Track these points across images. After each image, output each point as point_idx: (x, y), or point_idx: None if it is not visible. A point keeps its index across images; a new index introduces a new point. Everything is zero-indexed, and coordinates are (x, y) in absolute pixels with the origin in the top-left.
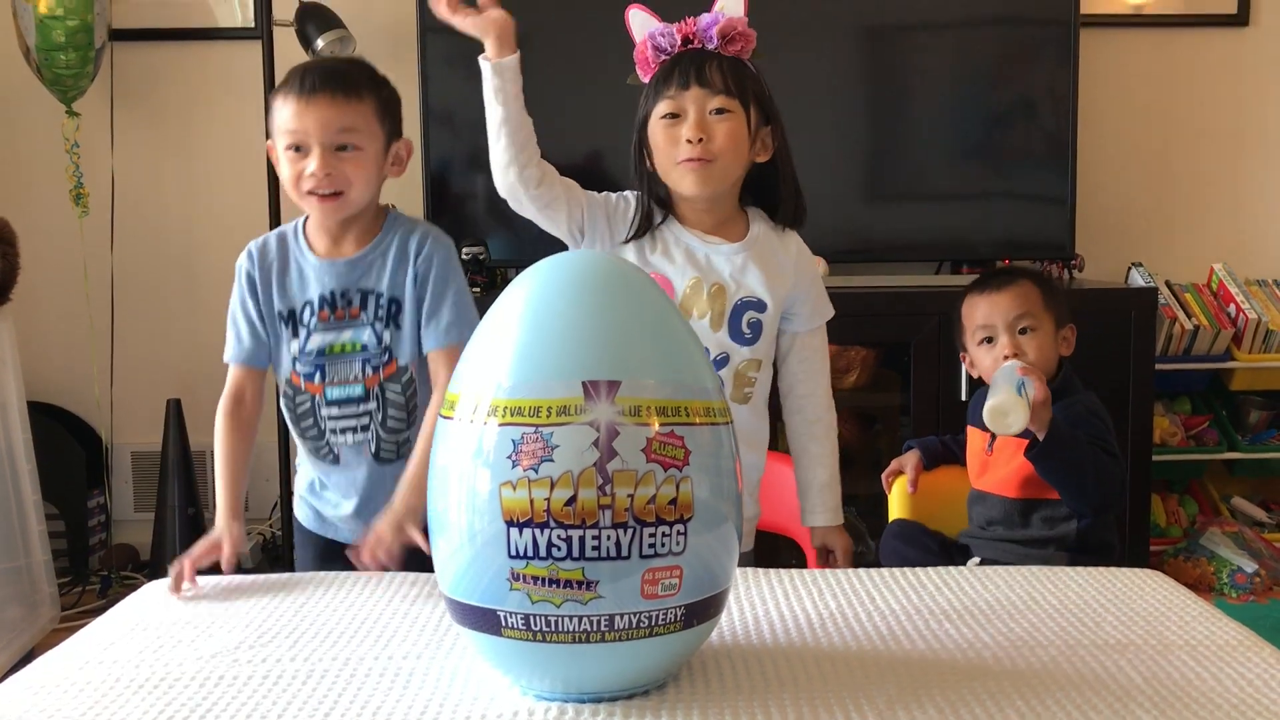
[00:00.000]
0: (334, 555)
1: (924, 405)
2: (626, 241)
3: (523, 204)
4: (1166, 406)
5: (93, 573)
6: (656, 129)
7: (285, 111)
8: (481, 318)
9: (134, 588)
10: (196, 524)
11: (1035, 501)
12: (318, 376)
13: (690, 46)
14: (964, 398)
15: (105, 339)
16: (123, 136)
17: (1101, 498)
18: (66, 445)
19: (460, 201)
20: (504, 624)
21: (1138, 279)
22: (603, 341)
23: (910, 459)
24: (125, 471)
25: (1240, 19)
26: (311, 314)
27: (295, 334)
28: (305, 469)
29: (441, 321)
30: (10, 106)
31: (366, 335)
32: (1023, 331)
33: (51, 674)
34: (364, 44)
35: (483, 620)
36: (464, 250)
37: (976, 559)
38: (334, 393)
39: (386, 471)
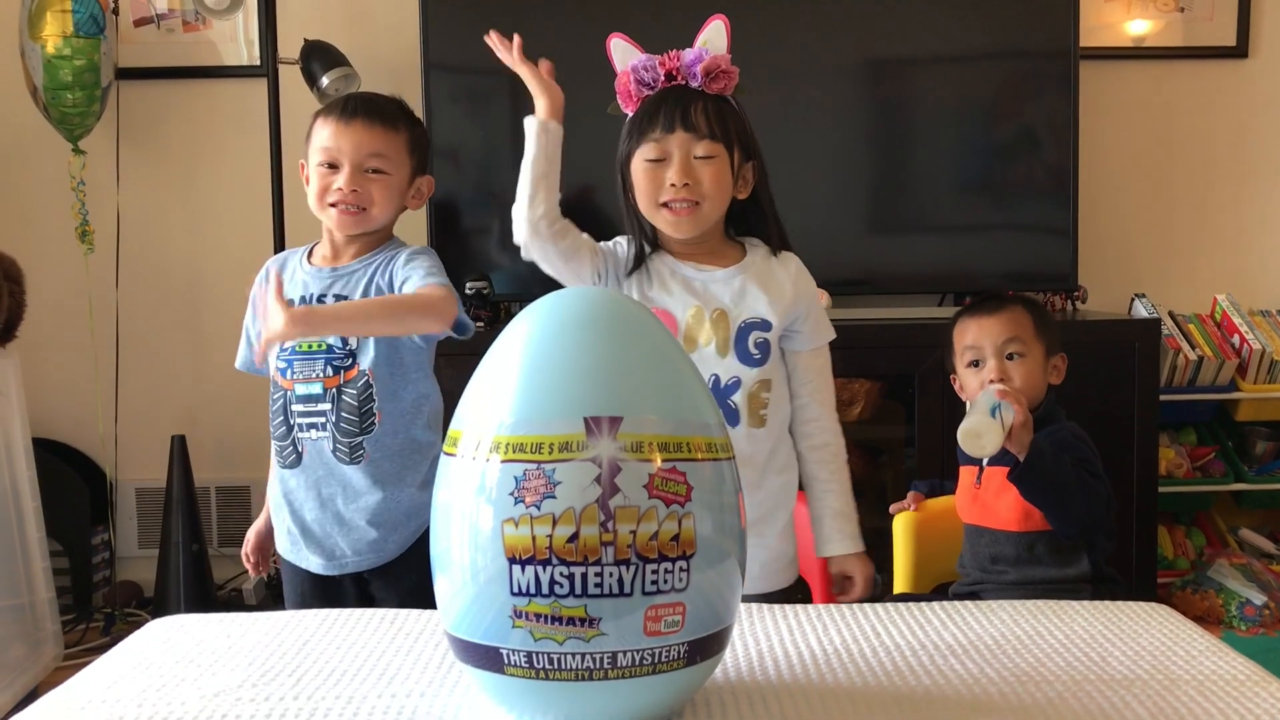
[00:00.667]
0: (316, 589)
1: (929, 437)
2: (628, 276)
3: (548, 255)
4: (1172, 438)
5: (97, 610)
6: (639, 170)
7: (324, 131)
8: (484, 354)
9: (138, 625)
10: (201, 560)
11: (1039, 533)
12: (289, 372)
13: (673, 82)
14: None
15: (110, 376)
16: (128, 174)
17: (1087, 517)
18: (71, 482)
19: (464, 237)
20: (507, 662)
21: (1141, 310)
22: (604, 377)
23: (912, 496)
24: (129, 508)
25: (1240, 51)
26: None
27: None
28: (274, 493)
29: (411, 276)
30: (17, 145)
31: (333, 336)
32: (1010, 357)
33: (54, 714)
34: (368, 81)
35: (485, 658)
36: (467, 285)
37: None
38: (300, 389)
39: (347, 473)
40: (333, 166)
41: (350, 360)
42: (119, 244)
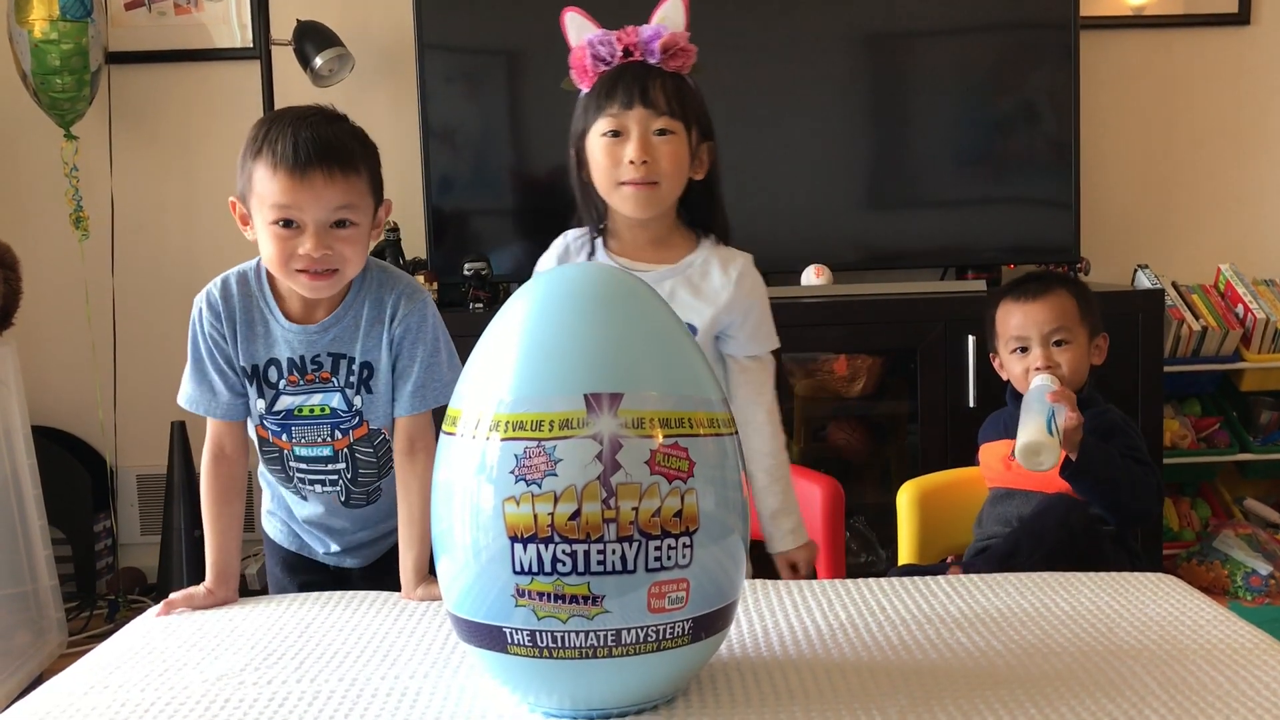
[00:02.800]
0: (306, 568)
1: (931, 412)
2: None
3: None
4: (1176, 409)
5: (100, 597)
6: (597, 146)
7: (273, 184)
8: (482, 332)
9: (141, 611)
10: (203, 546)
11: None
12: (285, 435)
13: (630, 58)
14: (972, 404)
15: (108, 362)
16: (122, 159)
17: (1140, 509)
18: (72, 469)
19: (462, 218)
20: (510, 641)
21: (1144, 281)
22: (604, 354)
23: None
24: (131, 494)
25: (1241, 18)
26: (280, 376)
27: (261, 393)
28: (271, 490)
29: (407, 389)
30: (9, 131)
31: (336, 400)
32: (1057, 344)
33: (58, 700)
34: (362, 62)
35: (488, 637)
36: (466, 266)
37: None
38: (302, 451)
39: (361, 511)
40: (291, 225)
41: (358, 419)
42: (114, 229)
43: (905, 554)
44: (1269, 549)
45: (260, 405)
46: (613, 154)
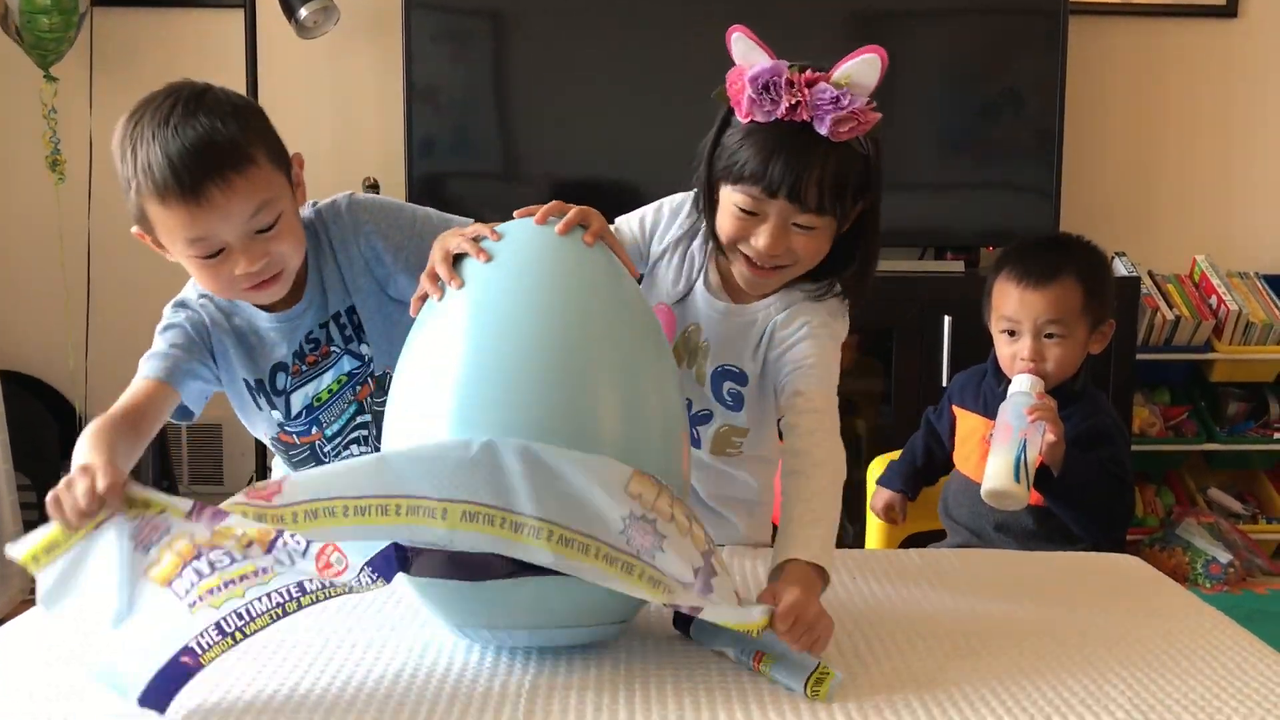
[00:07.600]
0: None
1: (905, 392)
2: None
3: None
4: (1146, 396)
5: None
6: (728, 208)
7: (171, 216)
8: None
9: None
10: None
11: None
12: (314, 429)
13: (795, 114)
14: (945, 385)
15: (80, 309)
16: (101, 103)
17: (1110, 528)
18: (40, 416)
19: (444, 181)
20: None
21: (1120, 268)
22: None
23: (895, 502)
24: None
25: (1229, 10)
26: (285, 375)
27: (273, 405)
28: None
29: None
30: None
31: (346, 363)
32: (1049, 335)
33: (19, 641)
34: (347, 17)
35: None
36: None
37: None
38: (332, 429)
39: None
40: (216, 253)
41: (370, 365)
42: (91, 174)
43: (873, 529)
44: (1230, 538)
45: (277, 416)
46: (742, 228)
